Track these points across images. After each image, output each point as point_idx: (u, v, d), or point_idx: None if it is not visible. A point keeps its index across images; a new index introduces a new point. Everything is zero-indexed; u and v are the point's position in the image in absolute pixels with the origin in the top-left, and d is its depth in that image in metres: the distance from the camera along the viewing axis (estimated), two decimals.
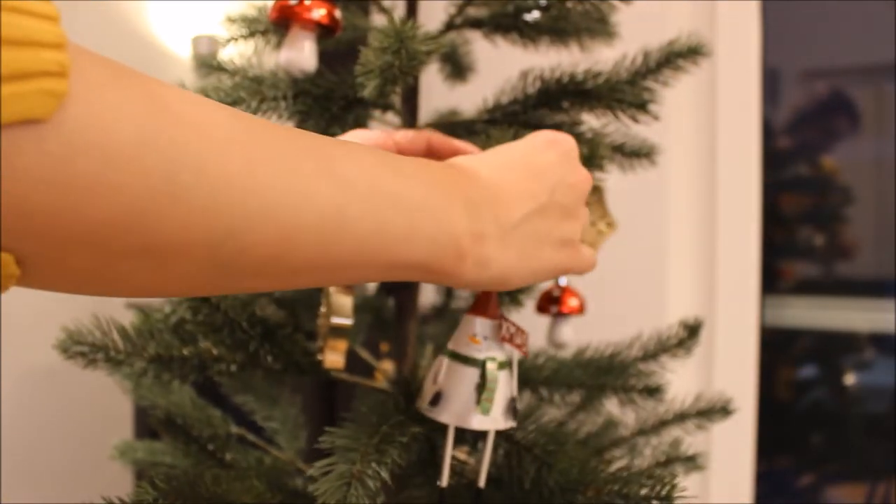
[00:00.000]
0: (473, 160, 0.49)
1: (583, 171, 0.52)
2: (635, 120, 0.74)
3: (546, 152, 0.51)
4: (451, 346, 0.57)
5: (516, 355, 0.57)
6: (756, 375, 1.70)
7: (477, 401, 0.54)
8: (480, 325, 0.56)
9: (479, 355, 0.55)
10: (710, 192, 1.76)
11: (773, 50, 1.79)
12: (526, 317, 0.74)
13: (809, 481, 1.89)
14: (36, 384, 1.99)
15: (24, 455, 1.96)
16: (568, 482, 0.60)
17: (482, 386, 0.54)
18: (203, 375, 0.72)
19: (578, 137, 0.80)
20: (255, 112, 0.63)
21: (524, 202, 0.47)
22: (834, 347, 1.87)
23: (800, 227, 1.94)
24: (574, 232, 0.51)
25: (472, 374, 0.55)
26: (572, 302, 0.85)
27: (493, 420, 0.55)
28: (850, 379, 1.88)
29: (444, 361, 0.57)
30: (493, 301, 0.57)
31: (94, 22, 2.03)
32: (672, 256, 1.73)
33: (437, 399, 0.56)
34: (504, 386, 0.56)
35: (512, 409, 0.57)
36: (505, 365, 0.56)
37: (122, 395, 0.86)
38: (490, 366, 0.55)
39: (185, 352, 0.71)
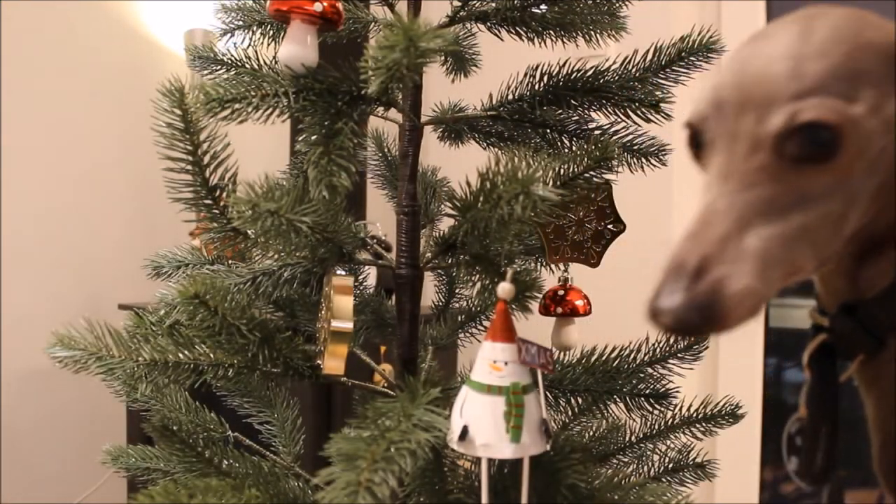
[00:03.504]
0: None
1: None
2: (647, 119, 0.72)
3: None
4: (472, 376, 0.55)
5: (541, 375, 0.56)
6: (762, 378, 1.68)
7: (506, 429, 0.53)
8: (501, 350, 0.54)
9: (503, 382, 0.53)
10: None
11: None
12: (530, 318, 0.72)
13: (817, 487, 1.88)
14: (34, 386, 1.96)
15: (22, 457, 1.94)
16: (577, 498, 0.58)
17: (509, 413, 0.53)
18: (198, 380, 0.70)
19: (587, 136, 0.78)
20: (256, 109, 0.60)
21: None
22: None
23: None
24: None
25: (497, 402, 0.53)
26: (578, 302, 0.83)
27: (526, 446, 0.53)
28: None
29: (468, 392, 0.55)
30: (509, 324, 0.55)
31: (90, 18, 1.99)
32: None
33: (465, 433, 0.54)
34: (533, 409, 0.54)
35: (544, 430, 0.55)
36: (531, 387, 0.55)
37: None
38: (515, 392, 0.53)
39: (181, 356, 0.68)
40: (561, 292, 0.83)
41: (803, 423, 0.51)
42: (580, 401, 0.84)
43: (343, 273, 0.73)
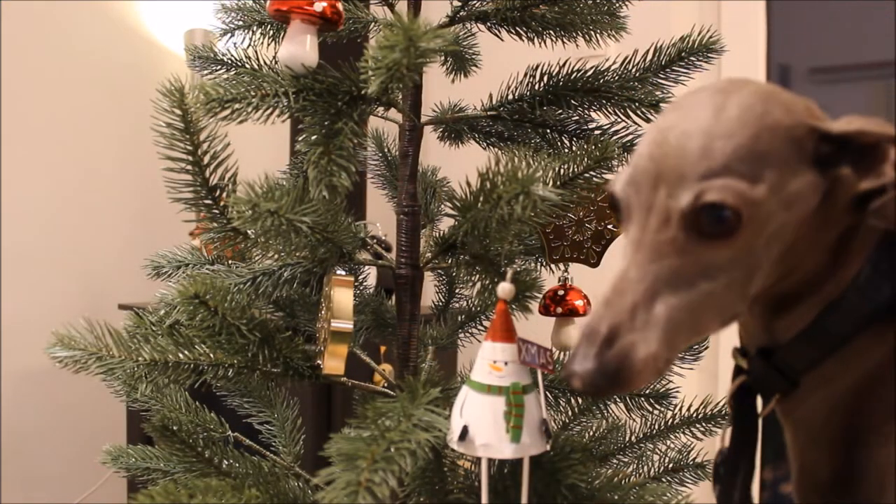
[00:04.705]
0: None
1: None
2: (647, 119, 0.72)
3: None
4: (472, 376, 0.55)
5: (541, 375, 0.56)
6: None
7: (506, 429, 0.53)
8: (501, 350, 0.54)
9: (503, 382, 0.53)
10: None
11: (783, 47, 1.77)
12: (530, 318, 0.72)
13: None
14: (34, 386, 1.96)
15: (22, 457, 1.94)
16: (577, 498, 0.58)
17: (509, 413, 0.53)
18: (198, 380, 0.70)
19: (588, 136, 0.78)
20: (256, 109, 0.60)
21: None
22: None
23: None
24: None
25: (497, 402, 0.53)
26: (578, 302, 0.83)
27: (526, 446, 0.54)
28: None
29: (468, 392, 0.55)
30: (509, 324, 0.55)
31: (90, 18, 1.99)
32: None
33: (464, 433, 0.54)
34: (533, 409, 0.54)
35: (544, 431, 0.55)
36: (531, 387, 0.55)
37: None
38: (515, 392, 0.53)
39: (181, 356, 0.68)
40: (561, 292, 0.83)
41: (724, 457, 0.54)
42: (580, 401, 0.84)
43: (343, 273, 0.73)
